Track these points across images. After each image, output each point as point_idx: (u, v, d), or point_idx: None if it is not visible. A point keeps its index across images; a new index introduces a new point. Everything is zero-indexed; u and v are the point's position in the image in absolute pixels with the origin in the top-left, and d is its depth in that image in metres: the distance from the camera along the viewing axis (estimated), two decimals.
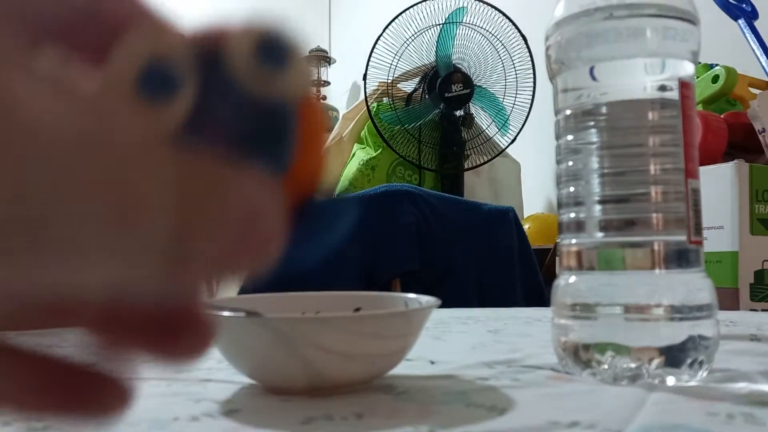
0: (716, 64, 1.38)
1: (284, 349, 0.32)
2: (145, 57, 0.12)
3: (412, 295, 0.41)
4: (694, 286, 0.36)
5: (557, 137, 0.39)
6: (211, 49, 0.13)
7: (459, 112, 1.99)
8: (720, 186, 1.10)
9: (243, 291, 0.64)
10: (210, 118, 0.13)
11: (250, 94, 0.13)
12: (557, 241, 0.40)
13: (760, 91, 1.32)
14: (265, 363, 0.34)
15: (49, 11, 0.12)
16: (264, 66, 0.13)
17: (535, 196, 2.51)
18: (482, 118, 2.03)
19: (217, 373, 0.39)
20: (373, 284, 1.28)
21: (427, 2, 1.91)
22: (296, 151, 0.14)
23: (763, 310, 1.06)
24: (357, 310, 0.42)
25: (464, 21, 1.92)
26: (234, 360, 0.35)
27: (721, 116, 1.23)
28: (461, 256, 1.36)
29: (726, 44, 1.51)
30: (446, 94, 1.91)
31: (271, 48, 0.13)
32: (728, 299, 1.07)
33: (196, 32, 0.13)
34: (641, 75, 0.36)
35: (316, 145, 0.15)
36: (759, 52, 1.32)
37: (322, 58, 4.38)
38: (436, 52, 1.92)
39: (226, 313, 0.35)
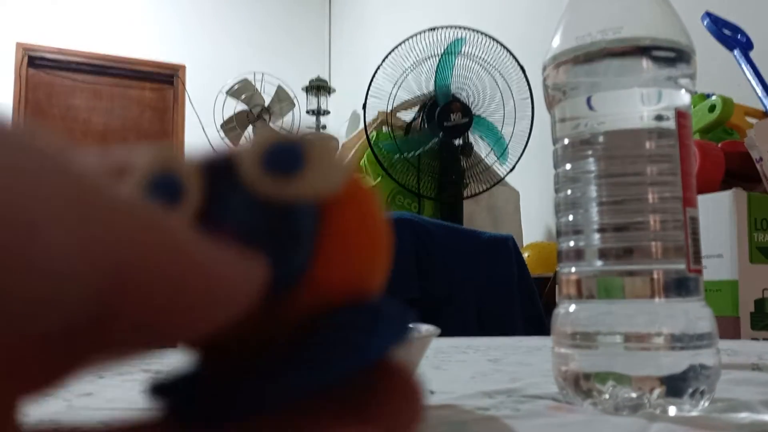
0: (713, 94, 1.39)
1: None
2: (152, 170, 0.14)
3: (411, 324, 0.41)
4: (694, 314, 0.36)
5: (555, 166, 0.40)
6: (225, 164, 0.14)
7: (458, 141, 2.00)
8: (718, 214, 1.10)
9: None
10: (219, 220, 0.13)
11: (260, 198, 0.13)
12: (557, 269, 0.40)
13: (756, 120, 1.34)
14: None
15: None
16: (272, 170, 0.13)
17: (534, 224, 2.51)
18: (481, 147, 2.04)
19: None
20: None
21: (427, 33, 1.93)
22: (319, 255, 0.13)
23: (764, 339, 1.05)
24: None
25: (463, 51, 1.94)
26: None
27: (719, 145, 1.24)
28: (460, 285, 1.36)
29: (722, 74, 1.53)
30: (445, 123, 1.93)
31: (280, 153, 0.13)
32: (729, 328, 1.06)
33: (210, 153, 0.14)
34: (638, 105, 0.37)
35: (349, 247, 0.14)
36: (755, 82, 1.34)
37: (322, 87, 4.42)
38: (435, 81, 1.94)
39: None
